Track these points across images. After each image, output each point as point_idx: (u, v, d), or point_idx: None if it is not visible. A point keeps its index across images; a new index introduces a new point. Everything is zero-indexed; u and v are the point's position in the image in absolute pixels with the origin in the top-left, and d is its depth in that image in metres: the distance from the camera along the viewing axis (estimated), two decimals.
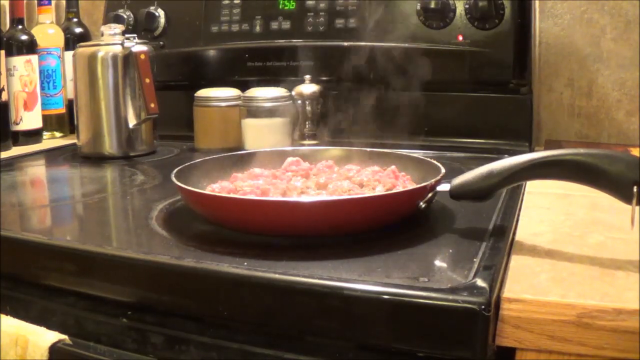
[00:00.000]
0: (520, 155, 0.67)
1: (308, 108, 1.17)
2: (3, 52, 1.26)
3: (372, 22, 1.17)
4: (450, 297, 0.52)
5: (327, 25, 1.20)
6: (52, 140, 1.37)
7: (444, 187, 0.71)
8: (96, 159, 1.15)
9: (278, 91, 1.16)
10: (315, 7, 1.22)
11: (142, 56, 1.15)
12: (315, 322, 0.57)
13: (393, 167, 0.83)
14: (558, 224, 0.74)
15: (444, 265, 0.62)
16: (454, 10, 1.13)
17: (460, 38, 1.13)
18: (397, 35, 1.14)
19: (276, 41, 1.24)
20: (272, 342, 0.60)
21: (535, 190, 0.87)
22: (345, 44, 1.16)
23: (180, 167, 0.80)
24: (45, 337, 0.65)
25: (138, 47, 1.15)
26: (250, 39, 1.26)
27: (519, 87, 1.12)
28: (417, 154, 0.90)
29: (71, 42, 1.41)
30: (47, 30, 1.39)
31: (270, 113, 1.15)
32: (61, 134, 1.40)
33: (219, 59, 1.29)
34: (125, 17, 1.32)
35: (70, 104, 1.37)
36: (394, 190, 0.74)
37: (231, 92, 1.19)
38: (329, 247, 0.66)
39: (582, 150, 0.63)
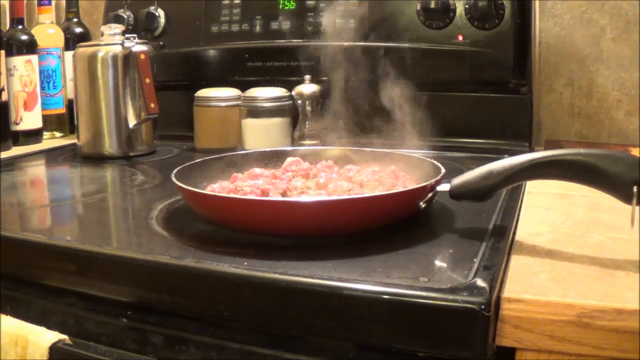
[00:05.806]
0: (520, 155, 0.66)
1: (308, 108, 1.17)
2: (3, 52, 1.26)
3: (372, 22, 1.17)
4: (450, 297, 0.52)
5: (327, 25, 1.20)
6: (52, 140, 1.37)
7: (444, 187, 0.71)
8: (96, 159, 1.15)
9: (278, 91, 1.16)
10: (315, 7, 1.22)
11: (142, 56, 1.15)
12: (315, 322, 0.57)
13: (393, 167, 0.83)
14: (558, 224, 0.74)
15: (444, 265, 0.62)
16: (454, 10, 1.13)
17: (460, 38, 1.12)
18: (397, 35, 1.14)
19: (276, 41, 1.24)
20: (272, 342, 0.60)
21: (535, 190, 0.87)
22: (345, 44, 1.16)
23: (180, 167, 0.80)
24: (45, 337, 0.65)
25: (138, 47, 1.15)
26: (250, 39, 1.26)
27: (519, 87, 1.12)
28: (417, 154, 0.90)
29: (71, 42, 1.41)
30: (47, 30, 1.39)
31: (270, 113, 1.15)
32: (61, 134, 1.40)
33: (219, 59, 1.29)
34: (125, 17, 1.32)
35: (70, 104, 1.37)
36: (394, 190, 0.74)
37: (231, 92, 1.19)
38: (329, 247, 0.66)
39: (582, 150, 0.63)
